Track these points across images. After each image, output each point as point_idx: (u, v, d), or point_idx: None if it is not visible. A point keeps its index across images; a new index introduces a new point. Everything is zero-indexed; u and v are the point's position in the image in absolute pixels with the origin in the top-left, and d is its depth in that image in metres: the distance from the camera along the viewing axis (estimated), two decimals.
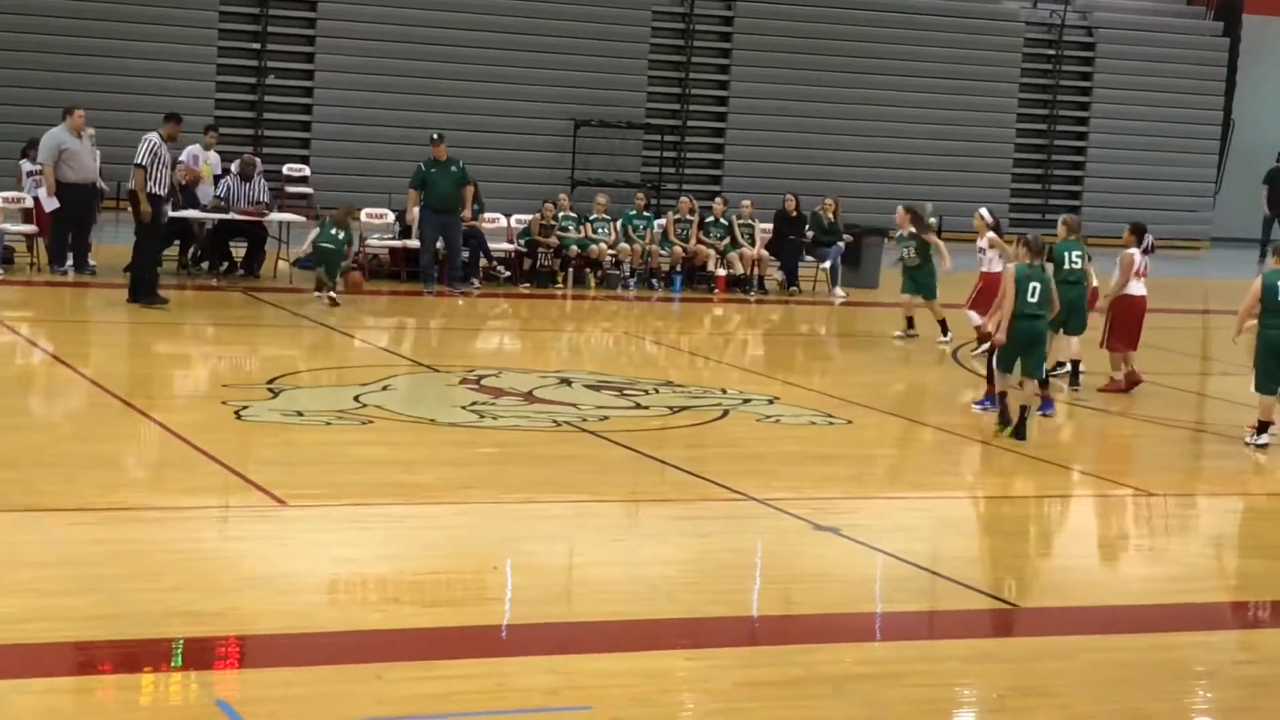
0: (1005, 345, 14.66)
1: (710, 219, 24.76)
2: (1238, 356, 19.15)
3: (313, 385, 15.37)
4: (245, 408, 13.81)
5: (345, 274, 21.46)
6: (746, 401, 15.64)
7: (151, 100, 26.27)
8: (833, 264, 24.85)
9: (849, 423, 15.11)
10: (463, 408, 14.57)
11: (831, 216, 25.14)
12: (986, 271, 18.62)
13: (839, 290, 24.60)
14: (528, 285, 23.43)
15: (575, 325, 21.89)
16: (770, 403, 15.66)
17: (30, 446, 12.31)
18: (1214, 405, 17.19)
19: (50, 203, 21.37)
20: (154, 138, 19.57)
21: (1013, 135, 35.34)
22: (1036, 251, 14.77)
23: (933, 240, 20.13)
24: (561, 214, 24.13)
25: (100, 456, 12.48)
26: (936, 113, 34.14)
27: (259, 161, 23.68)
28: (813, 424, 14.91)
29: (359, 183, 28.68)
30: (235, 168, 23.01)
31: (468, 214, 22.86)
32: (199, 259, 22.63)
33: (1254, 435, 14.75)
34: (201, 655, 8.08)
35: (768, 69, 33.44)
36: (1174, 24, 36.89)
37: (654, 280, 24.26)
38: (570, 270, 23.89)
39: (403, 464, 12.41)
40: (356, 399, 14.53)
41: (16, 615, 8.35)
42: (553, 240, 23.77)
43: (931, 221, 20.19)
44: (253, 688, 7.80)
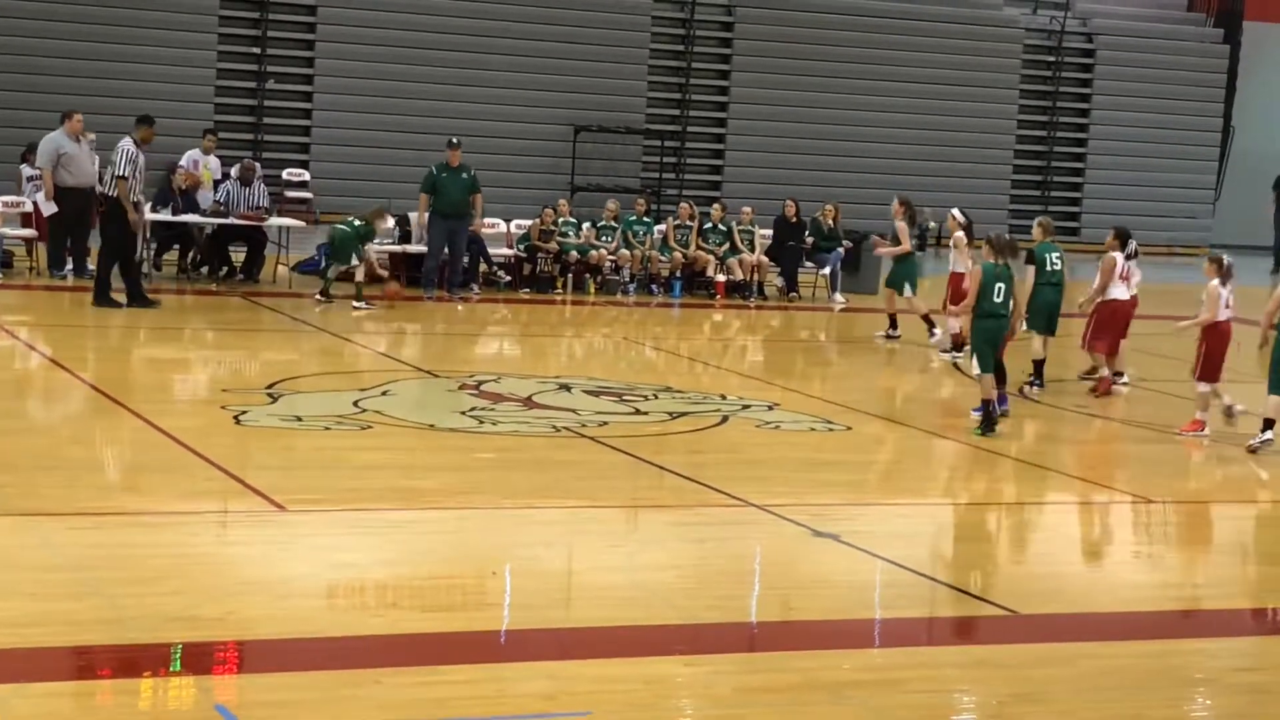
0: (977, 344, 15.05)
1: (710, 225, 24.76)
2: (1236, 364, 19.10)
3: (312, 390, 15.35)
4: (244, 412, 13.80)
5: (384, 282, 21.62)
6: (746, 407, 15.63)
7: (151, 105, 26.17)
8: (832, 270, 24.85)
9: (849, 429, 15.11)
10: (462, 413, 14.56)
11: (831, 222, 25.15)
12: (954, 272, 19.21)
13: (839, 296, 24.60)
14: (527, 291, 23.43)
15: (575, 331, 21.88)
16: (770, 409, 15.65)
17: (30, 450, 12.29)
18: (1213, 412, 17.14)
19: (49, 207, 21.36)
20: (130, 146, 19.43)
21: (1012, 142, 35.36)
22: (1000, 250, 15.06)
23: (901, 230, 20.58)
24: (561, 219, 24.13)
25: (99, 461, 12.49)
26: (936, 119, 34.17)
27: (259, 166, 23.68)
28: (812, 430, 14.90)
29: (359, 187, 28.72)
30: (235, 172, 23.01)
31: (480, 222, 22.84)
32: (198, 264, 22.62)
33: (1264, 434, 14.93)
34: (201, 660, 8.07)
35: (768, 75, 33.46)
36: (1174, 30, 36.91)
37: (653, 286, 24.26)
38: (570, 276, 23.89)
39: (402, 469, 12.40)
40: (356, 404, 14.52)
41: (16, 619, 8.34)
42: (552, 246, 23.77)
43: (932, 226, 20.31)
44: (252, 693, 7.79)
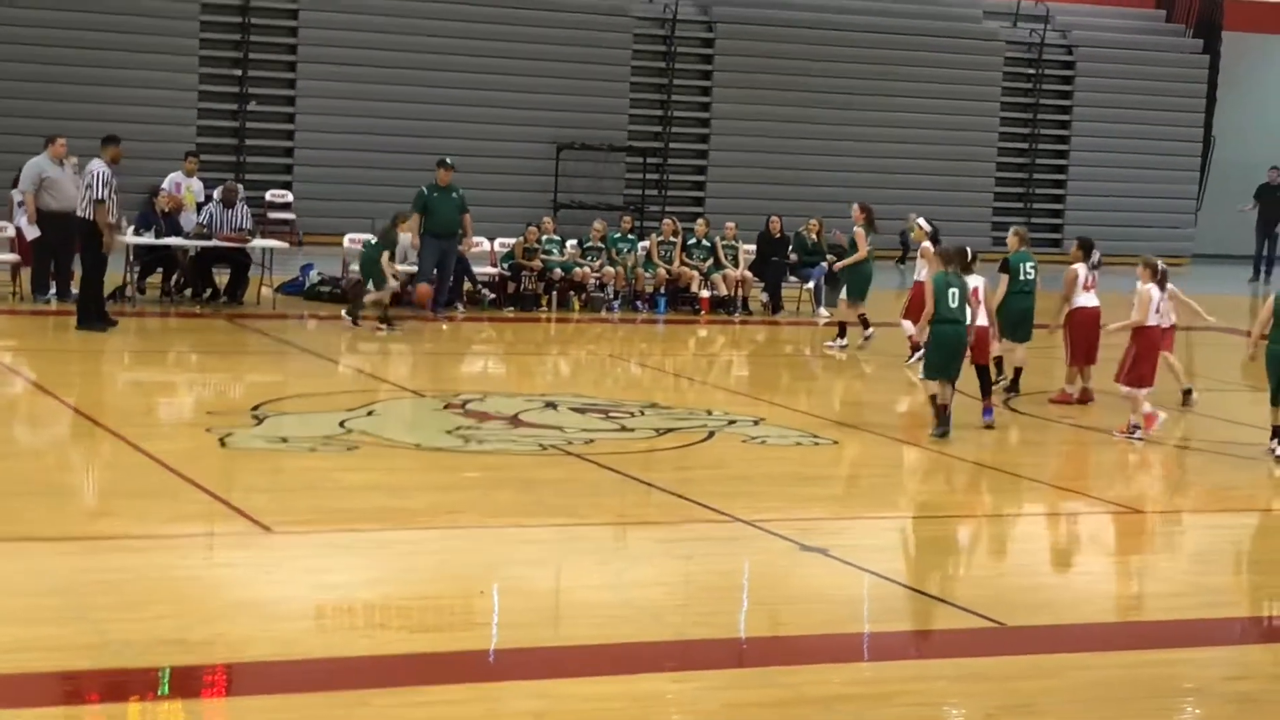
0: (931, 351, 15.20)
1: (693, 240, 24.79)
2: (1217, 372, 19.17)
3: (297, 411, 15.34)
4: (230, 435, 13.79)
5: (417, 288, 21.64)
6: (732, 423, 15.64)
7: (133, 128, 26.25)
8: (816, 284, 24.88)
9: (835, 443, 15.12)
10: (448, 432, 14.55)
11: (815, 237, 25.19)
12: (918, 280, 19.44)
13: (823, 310, 24.63)
14: (512, 309, 23.42)
15: (560, 348, 21.88)
16: (756, 424, 15.66)
17: (15, 475, 12.27)
18: (1197, 421, 17.20)
19: (31, 231, 21.34)
20: (102, 169, 19.33)
21: (994, 154, 35.44)
22: (951, 259, 15.32)
23: (859, 235, 21.00)
24: (545, 237, 24.13)
25: (85, 485, 12.46)
26: (918, 132, 34.25)
27: (241, 188, 23.68)
28: (799, 444, 14.91)
29: (343, 208, 28.72)
30: (218, 194, 23.00)
31: (470, 242, 22.88)
32: (182, 286, 22.60)
33: (1275, 444, 15.07)
34: (189, 683, 8.05)
35: (749, 90, 33.52)
36: (1153, 41, 37.03)
37: (638, 302, 24.27)
38: (554, 293, 23.89)
39: (388, 489, 12.39)
40: (342, 425, 14.50)
41: (4, 644, 8.32)
42: (536, 264, 23.77)
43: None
44: (240, 715, 7.77)
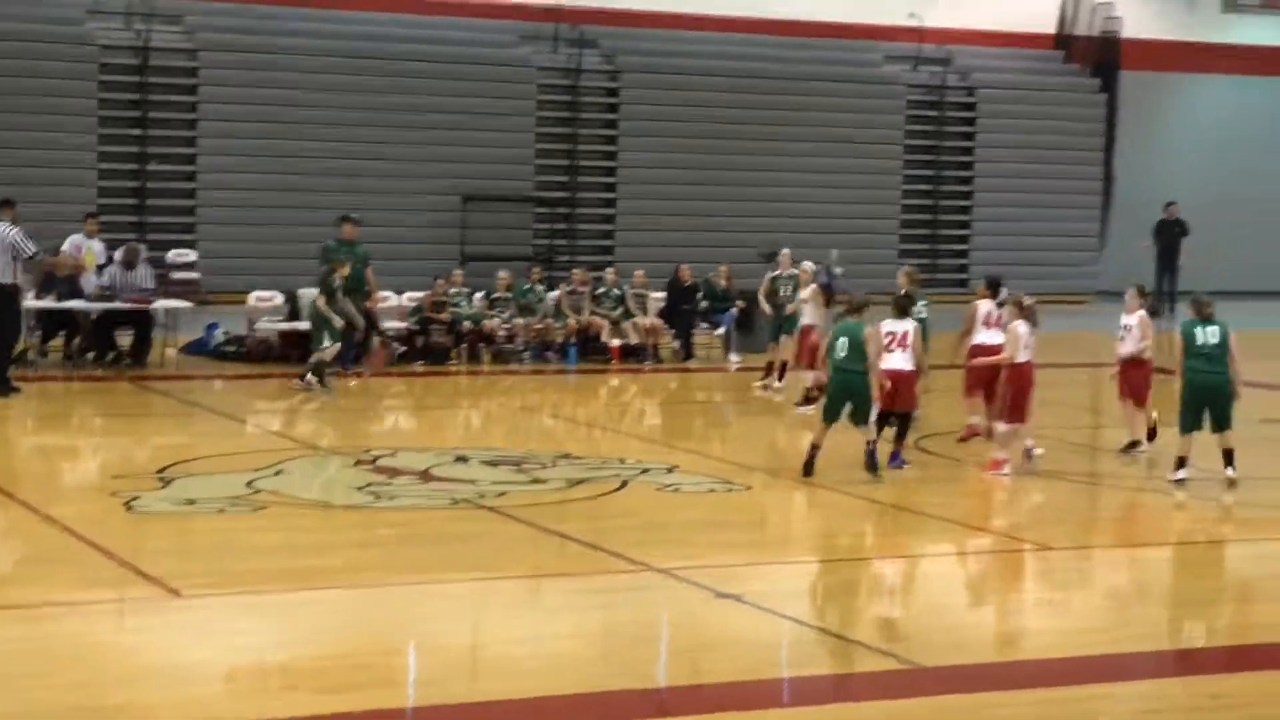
0: (828, 396, 15.43)
1: (603, 290, 24.78)
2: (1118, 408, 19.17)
3: (205, 473, 15.15)
4: (136, 498, 13.61)
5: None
6: (645, 471, 15.59)
7: (32, 190, 25.95)
8: (726, 331, 24.93)
9: (748, 489, 15.10)
10: (358, 489, 14.43)
11: (724, 283, 25.25)
12: (805, 325, 19.66)
13: (734, 356, 24.66)
14: (421, 363, 23.29)
15: (470, 401, 21.78)
16: (669, 471, 15.62)
17: None
18: (1105, 457, 17.32)
19: None
20: (11, 231, 19.11)
21: (899, 196, 35.65)
22: (855, 308, 15.55)
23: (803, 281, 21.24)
24: (454, 290, 24.05)
25: None
26: (824, 176, 34.42)
27: (143, 249, 23.44)
28: (712, 491, 14.88)
29: (247, 265, 28.45)
30: (119, 255, 22.75)
31: (377, 297, 22.77)
32: (84, 349, 22.33)
33: (1174, 471, 15.36)
34: None
35: (655, 138, 33.59)
36: (1052, 82, 37.42)
37: (549, 353, 24.21)
38: (464, 346, 23.79)
39: (299, 549, 12.26)
40: (249, 485, 14.35)
41: None
42: (445, 316, 23.68)
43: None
44: None
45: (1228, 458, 15.28)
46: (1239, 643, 11.00)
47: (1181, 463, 15.32)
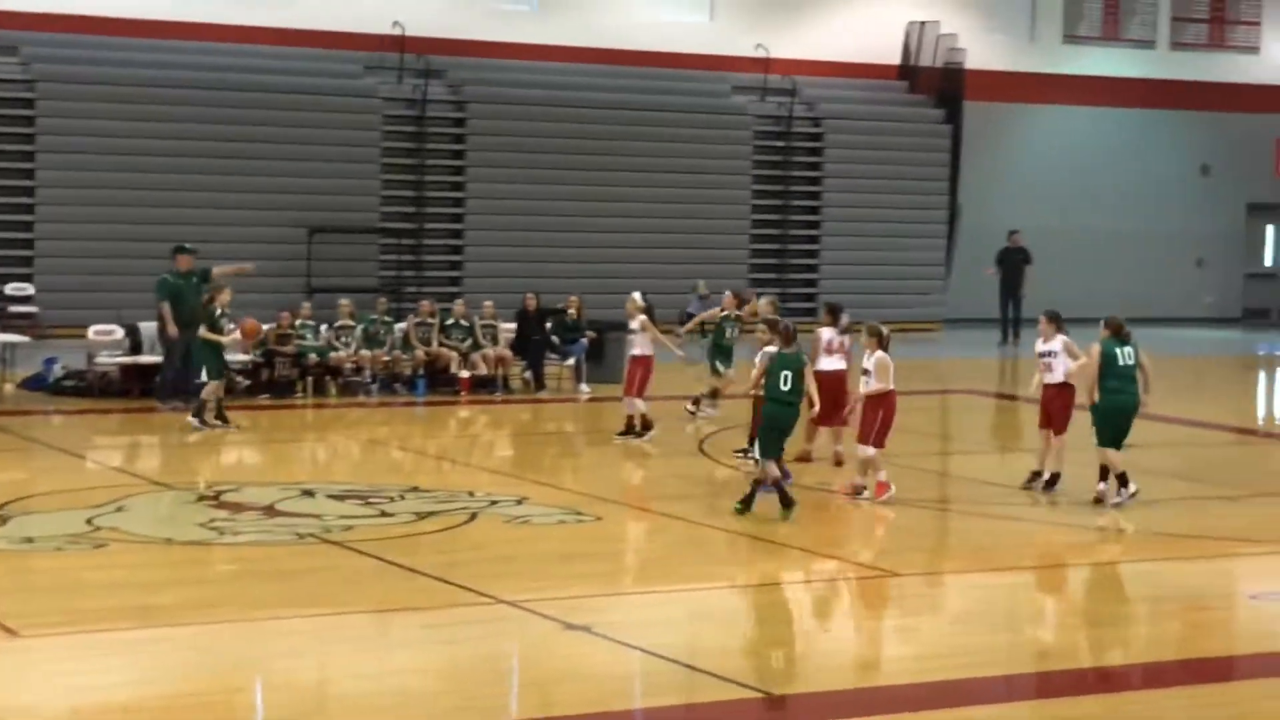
0: (764, 430, 15.16)
1: (451, 321, 24.60)
2: (966, 433, 19.44)
3: (43, 510, 14.80)
4: None
5: (240, 322, 20.92)
6: (494, 503, 15.45)
7: None
8: (577, 361, 24.86)
9: (598, 519, 15.02)
10: (201, 525, 14.15)
11: (574, 313, 25.17)
12: (632, 356, 19.98)
13: (584, 386, 24.58)
14: (267, 396, 22.95)
15: (317, 435, 21.48)
16: (519, 503, 15.49)
17: None
18: (958, 482, 17.44)
19: None
20: None
21: (748, 225, 35.79)
22: (790, 338, 15.25)
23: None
24: (300, 322, 23.75)
25: None
26: (672, 206, 34.48)
27: None
28: (562, 522, 14.78)
29: (86, 299, 27.92)
30: None
31: (245, 269, 22.86)
32: None
33: (1119, 490, 15.73)
34: None
35: (503, 169, 33.47)
36: (897, 113, 37.79)
37: (397, 385, 23.97)
38: (310, 379, 23.49)
39: (140, 586, 12.01)
40: (89, 522, 14.03)
41: None
42: (291, 349, 23.37)
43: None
44: None
45: (1122, 480, 15.72)
46: (1090, 665, 11.06)
47: (1124, 479, 15.68)
